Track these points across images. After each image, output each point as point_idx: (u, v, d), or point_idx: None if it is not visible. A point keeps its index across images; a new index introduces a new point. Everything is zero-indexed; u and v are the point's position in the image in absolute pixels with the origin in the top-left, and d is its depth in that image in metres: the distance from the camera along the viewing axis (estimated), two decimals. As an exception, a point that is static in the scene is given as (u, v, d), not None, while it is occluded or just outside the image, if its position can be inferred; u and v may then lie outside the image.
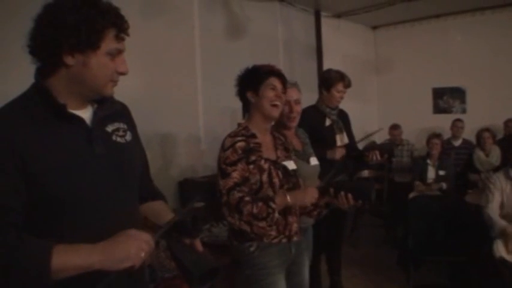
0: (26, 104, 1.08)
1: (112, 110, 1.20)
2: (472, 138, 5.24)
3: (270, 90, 1.88)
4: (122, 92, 1.29)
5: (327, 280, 3.34)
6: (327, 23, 5.48)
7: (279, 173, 1.88)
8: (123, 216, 1.16)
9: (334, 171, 2.01)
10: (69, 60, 1.05)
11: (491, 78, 5.57)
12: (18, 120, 1.04)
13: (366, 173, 4.96)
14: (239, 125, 1.97)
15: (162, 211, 1.31)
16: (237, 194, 1.77)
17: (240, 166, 1.80)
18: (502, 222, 3.09)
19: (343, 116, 3.23)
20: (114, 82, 1.13)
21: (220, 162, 1.83)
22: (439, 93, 6.23)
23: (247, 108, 1.98)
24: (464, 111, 6.00)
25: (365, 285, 3.67)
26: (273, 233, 1.86)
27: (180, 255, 1.12)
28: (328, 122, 3.08)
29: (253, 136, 1.89)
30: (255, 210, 1.75)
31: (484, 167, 4.61)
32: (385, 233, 4.85)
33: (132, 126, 1.28)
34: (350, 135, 3.22)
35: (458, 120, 5.44)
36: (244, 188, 1.79)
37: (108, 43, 1.07)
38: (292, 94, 2.29)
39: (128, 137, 1.23)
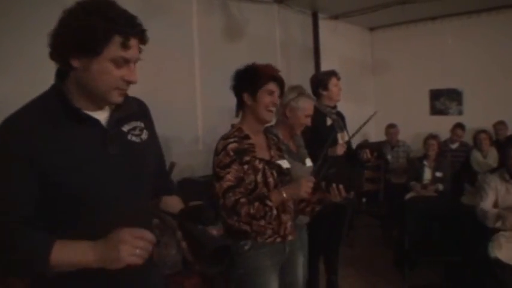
0: (43, 105, 1.13)
1: (129, 112, 1.24)
2: (469, 140, 5.26)
3: (267, 96, 1.88)
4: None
5: (322, 279, 3.36)
6: (324, 25, 5.50)
7: (274, 172, 1.89)
8: (136, 212, 1.21)
9: (326, 166, 2.00)
10: (75, 63, 1.08)
11: (488, 80, 5.58)
12: (35, 120, 1.09)
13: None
14: (233, 126, 1.97)
15: (176, 205, 1.35)
16: (232, 197, 1.78)
17: (233, 167, 1.80)
18: (494, 210, 3.13)
19: (340, 117, 3.27)
20: (121, 90, 1.15)
21: (214, 166, 1.85)
22: (436, 95, 6.24)
23: (240, 105, 1.97)
24: (461, 112, 6.02)
25: (360, 285, 3.71)
26: (268, 231, 1.87)
27: (193, 231, 1.16)
28: (329, 122, 3.13)
29: (247, 137, 1.90)
30: (252, 211, 1.77)
31: (481, 168, 4.62)
32: (381, 234, 4.88)
33: (149, 124, 1.33)
34: (346, 136, 3.27)
35: (460, 127, 5.41)
36: (239, 190, 1.80)
37: (112, 50, 1.07)
38: (308, 107, 2.41)
39: (144, 135, 1.27)
